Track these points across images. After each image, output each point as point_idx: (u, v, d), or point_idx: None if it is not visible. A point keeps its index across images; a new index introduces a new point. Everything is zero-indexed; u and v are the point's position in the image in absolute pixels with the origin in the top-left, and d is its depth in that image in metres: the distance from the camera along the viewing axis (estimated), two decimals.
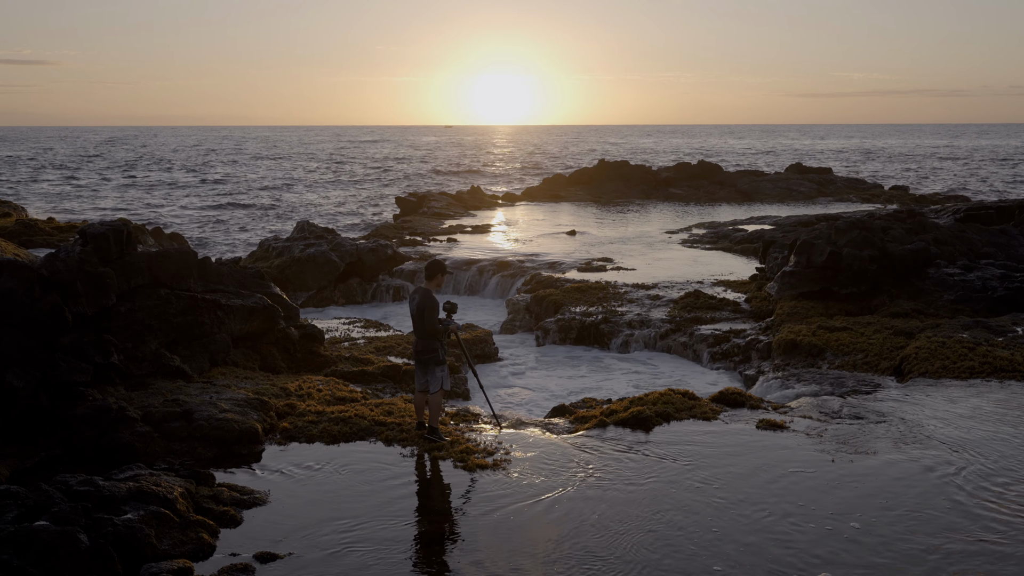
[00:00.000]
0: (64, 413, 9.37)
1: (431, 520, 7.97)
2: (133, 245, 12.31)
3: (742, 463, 9.27)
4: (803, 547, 7.36)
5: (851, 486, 8.61)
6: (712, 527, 7.73)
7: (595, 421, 10.64)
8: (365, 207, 51.92)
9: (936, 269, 17.32)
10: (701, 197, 48.10)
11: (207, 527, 7.55)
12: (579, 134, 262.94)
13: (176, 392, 10.54)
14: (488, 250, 27.90)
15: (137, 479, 7.92)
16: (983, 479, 8.78)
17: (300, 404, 10.99)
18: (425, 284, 10.01)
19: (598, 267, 24.06)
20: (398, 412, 10.83)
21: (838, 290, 17.36)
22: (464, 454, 9.44)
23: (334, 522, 7.85)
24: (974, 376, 12.35)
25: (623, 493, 8.49)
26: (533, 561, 7.15)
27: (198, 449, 9.40)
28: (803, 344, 14.78)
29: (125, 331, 11.16)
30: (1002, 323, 14.64)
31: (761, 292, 19.20)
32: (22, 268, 10.66)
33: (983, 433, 10.12)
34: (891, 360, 13.48)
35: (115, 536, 6.90)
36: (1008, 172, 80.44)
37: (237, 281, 13.78)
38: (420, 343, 9.89)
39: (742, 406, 11.35)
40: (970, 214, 22.88)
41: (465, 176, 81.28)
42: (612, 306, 18.98)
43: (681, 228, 33.84)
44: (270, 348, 13.17)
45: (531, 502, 8.28)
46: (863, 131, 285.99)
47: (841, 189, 50.97)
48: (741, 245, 28.03)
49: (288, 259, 23.85)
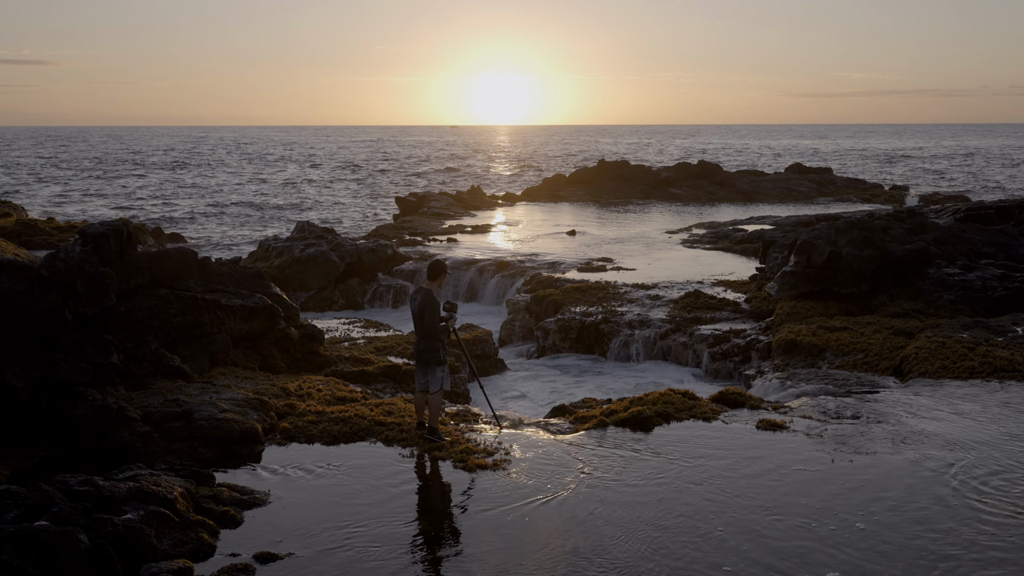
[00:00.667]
0: (64, 413, 9.37)
1: (431, 520, 7.97)
2: (133, 245, 12.32)
3: (742, 463, 9.27)
4: (805, 547, 7.36)
5: (851, 486, 8.61)
6: (713, 527, 7.73)
7: (595, 421, 10.63)
8: (365, 207, 51.92)
9: (936, 269, 17.32)
10: (701, 197, 48.09)
11: (207, 527, 7.55)
12: (579, 134, 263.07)
13: (176, 392, 10.54)
14: (488, 250, 27.90)
15: (137, 479, 7.92)
16: (983, 479, 8.77)
17: (300, 404, 10.99)
18: (427, 284, 10.02)
19: (598, 267, 24.06)
20: (398, 412, 10.83)
21: (838, 290, 17.36)
22: (464, 454, 9.44)
23: (334, 522, 7.85)
24: (974, 376, 12.35)
25: (623, 494, 8.49)
26: (532, 562, 7.15)
27: (198, 449, 9.40)
28: (803, 344, 14.78)
29: (125, 331, 11.17)
30: (1002, 323, 14.64)
31: (761, 292, 19.20)
32: (22, 268, 10.66)
33: (983, 433, 10.12)
34: (891, 360, 13.48)
35: (115, 536, 6.90)
36: (1008, 172, 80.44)
37: (237, 281, 13.78)
38: (421, 343, 9.90)
39: (742, 406, 11.35)
40: (970, 214, 22.88)
41: (465, 176, 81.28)
42: (612, 306, 18.98)
43: (681, 228, 33.83)
44: (270, 348, 13.17)
45: (531, 502, 8.28)
46: (863, 131, 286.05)
47: (841, 189, 50.98)
48: (741, 245, 28.03)
49: (288, 259, 23.86)
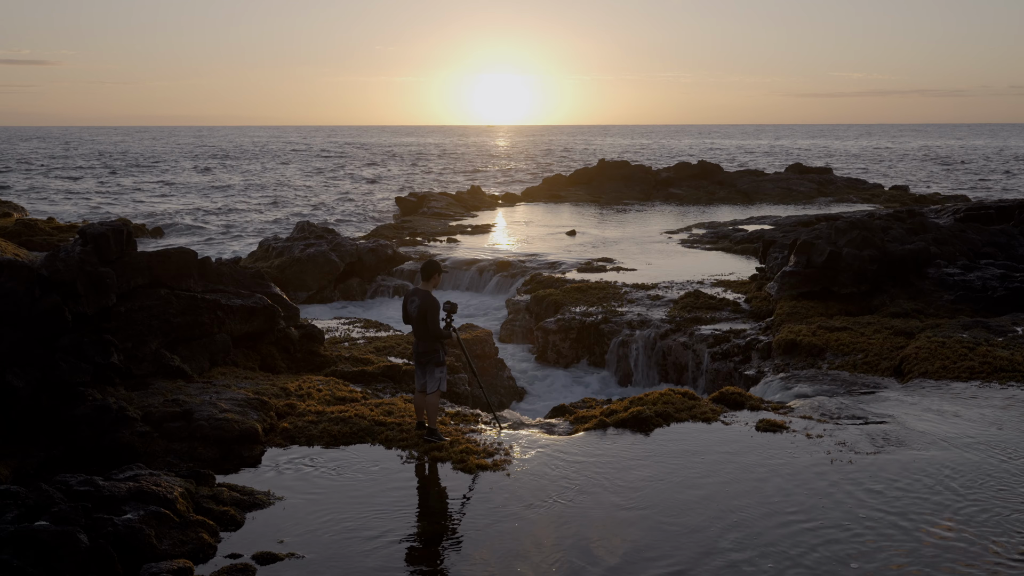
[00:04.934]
0: (64, 413, 9.37)
1: (431, 521, 7.97)
2: (133, 245, 12.32)
3: (743, 464, 9.27)
4: (808, 545, 7.37)
5: (851, 487, 8.61)
6: (714, 528, 7.73)
7: (595, 421, 10.63)
8: (365, 207, 51.91)
9: (936, 269, 17.32)
10: (701, 197, 48.08)
11: (207, 527, 7.55)
12: (579, 134, 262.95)
13: (176, 392, 10.54)
14: (488, 250, 27.91)
15: (137, 479, 7.92)
16: (984, 480, 8.78)
17: (300, 404, 10.99)
18: (422, 285, 9.97)
19: (598, 267, 24.07)
20: (398, 412, 10.83)
21: (838, 290, 17.36)
22: (464, 455, 9.44)
23: (334, 522, 7.85)
24: (974, 376, 12.35)
25: (623, 495, 8.49)
26: (532, 562, 7.15)
27: (198, 449, 9.39)
28: (803, 344, 14.78)
29: (125, 331, 11.17)
30: (1002, 323, 14.64)
31: (761, 292, 19.19)
32: (22, 268, 10.66)
33: (984, 434, 10.12)
34: (891, 360, 13.48)
35: (115, 536, 6.90)
36: (1008, 172, 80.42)
37: (237, 281, 13.79)
38: (421, 344, 9.87)
39: (742, 407, 11.34)
40: (970, 214, 22.89)
41: (465, 176, 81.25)
42: (612, 306, 18.98)
43: (681, 228, 33.83)
44: (270, 348, 13.17)
45: (531, 503, 8.28)
46: (862, 131, 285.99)
47: (841, 189, 50.97)
48: (741, 245, 28.03)
49: (288, 259, 23.86)
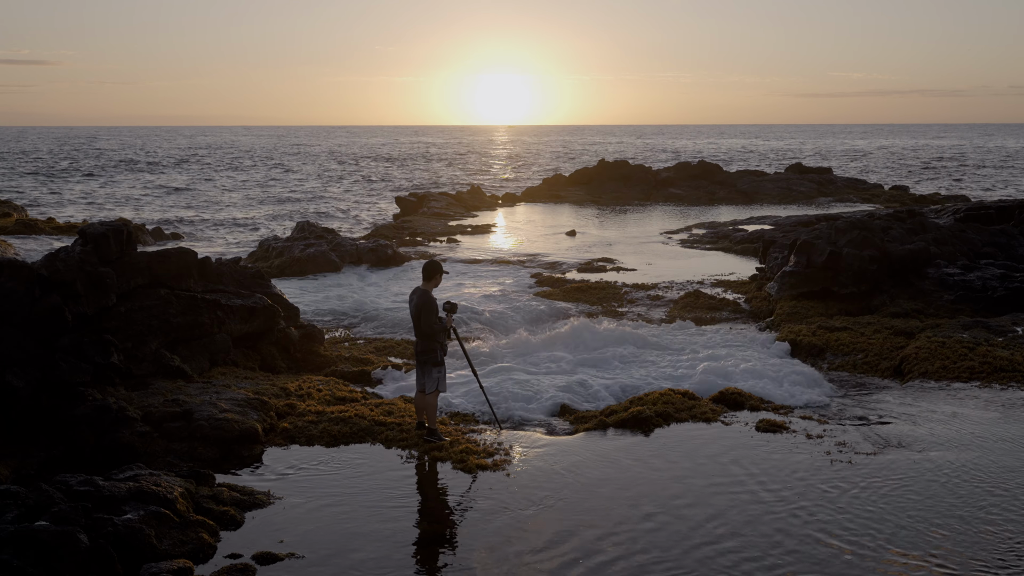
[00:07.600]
0: (64, 413, 9.37)
1: (430, 520, 7.98)
2: (133, 245, 12.32)
3: (743, 464, 9.27)
4: (810, 546, 7.37)
5: (850, 487, 8.61)
6: (714, 528, 7.73)
7: (595, 421, 10.64)
8: (365, 207, 51.91)
9: (936, 269, 17.32)
10: (701, 197, 48.05)
11: (207, 527, 7.55)
12: (578, 134, 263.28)
13: (176, 392, 10.54)
14: (488, 250, 27.91)
15: (137, 479, 7.92)
16: (984, 480, 8.78)
17: (300, 404, 10.99)
18: (423, 285, 10.04)
19: (598, 267, 24.06)
20: (398, 412, 10.83)
21: (838, 290, 17.36)
22: (464, 455, 9.44)
23: (334, 523, 7.85)
24: (974, 377, 12.35)
25: (623, 495, 8.49)
26: (531, 562, 7.15)
27: (198, 449, 9.40)
28: (803, 344, 14.78)
29: (125, 331, 11.17)
30: (1002, 323, 14.64)
31: (761, 292, 19.19)
32: (22, 268, 10.66)
33: (984, 434, 10.12)
34: (891, 360, 13.49)
35: (115, 536, 6.90)
36: (1008, 172, 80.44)
37: (237, 281, 13.79)
38: (419, 343, 9.94)
39: (742, 407, 11.35)
40: (970, 214, 22.87)
41: (465, 176, 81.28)
42: (612, 306, 18.97)
43: (681, 228, 33.81)
44: (270, 348, 13.17)
45: (530, 503, 8.28)
46: (862, 131, 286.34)
47: (841, 189, 50.95)
48: (741, 245, 28.02)
49: (288, 259, 23.85)
